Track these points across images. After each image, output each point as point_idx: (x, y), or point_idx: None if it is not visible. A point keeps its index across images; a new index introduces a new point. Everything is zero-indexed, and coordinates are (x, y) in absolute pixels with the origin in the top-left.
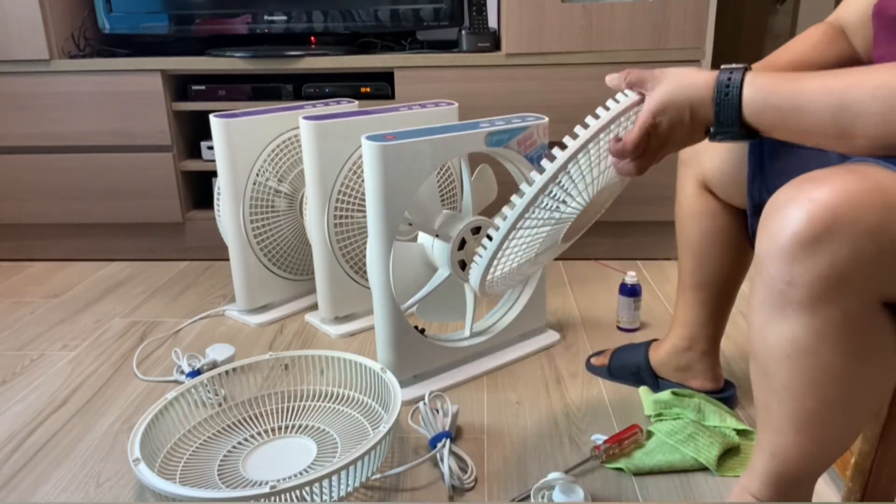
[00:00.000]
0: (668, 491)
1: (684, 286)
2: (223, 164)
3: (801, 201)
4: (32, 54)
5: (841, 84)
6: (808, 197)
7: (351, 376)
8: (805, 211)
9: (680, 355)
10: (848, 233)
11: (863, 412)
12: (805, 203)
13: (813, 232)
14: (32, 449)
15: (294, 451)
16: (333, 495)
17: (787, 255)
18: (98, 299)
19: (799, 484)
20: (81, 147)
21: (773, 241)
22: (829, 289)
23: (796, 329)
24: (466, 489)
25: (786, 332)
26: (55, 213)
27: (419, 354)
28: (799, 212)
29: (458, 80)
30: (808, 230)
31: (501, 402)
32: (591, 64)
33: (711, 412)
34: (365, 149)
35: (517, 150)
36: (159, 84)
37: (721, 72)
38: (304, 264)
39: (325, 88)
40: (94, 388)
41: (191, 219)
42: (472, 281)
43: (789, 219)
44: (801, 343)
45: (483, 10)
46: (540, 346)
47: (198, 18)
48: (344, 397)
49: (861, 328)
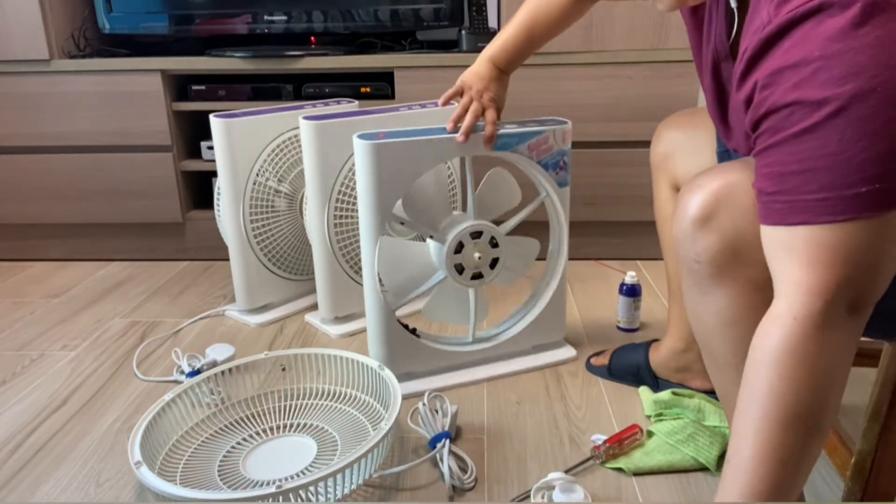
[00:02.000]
0: (668, 491)
1: (674, 288)
2: (223, 164)
3: (694, 189)
4: (32, 54)
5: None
6: (698, 185)
7: (349, 374)
8: (698, 197)
9: (678, 356)
10: (729, 211)
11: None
12: (696, 190)
13: (703, 213)
14: (32, 449)
15: (294, 449)
16: (337, 494)
17: (690, 235)
18: (98, 299)
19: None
20: (81, 147)
21: (679, 226)
22: (727, 259)
23: (716, 301)
24: (466, 489)
25: (710, 307)
26: (55, 213)
27: (412, 355)
28: (694, 198)
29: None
30: (700, 212)
31: (501, 402)
32: (591, 64)
33: (711, 412)
34: (356, 147)
35: (528, 156)
36: (159, 84)
37: None
38: (304, 264)
39: (325, 88)
40: (94, 388)
41: (191, 219)
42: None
43: (688, 205)
44: (724, 313)
45: (483, 10)
46: (550, 361)
47: (198, 18)
48: (343, 395)
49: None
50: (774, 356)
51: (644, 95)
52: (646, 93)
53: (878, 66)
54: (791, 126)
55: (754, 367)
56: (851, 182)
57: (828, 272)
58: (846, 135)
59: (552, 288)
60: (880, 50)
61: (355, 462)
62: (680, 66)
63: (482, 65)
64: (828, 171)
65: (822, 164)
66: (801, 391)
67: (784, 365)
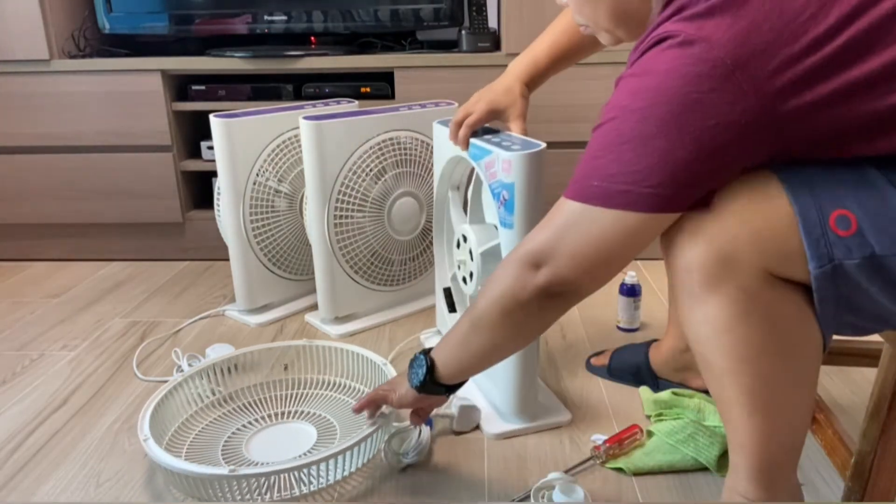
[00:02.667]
0: (668, 491)
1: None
2: (223, 164)
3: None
4: (32, 54)
5: (467, 320)
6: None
7: (352, 367)
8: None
9: (679, 356)
10: (720, 219)
11: (801, 381)
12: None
13: (693, 221)
14: (32, 449)
15: (295, 435)
16: (336, 476)
17: (680, 244)
18: (98, 299)
19: (779, 469)
20: (81, 147)
21: (669, 235)
22: (719, 268)
23: (709, 311)
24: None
25: (703, 316)
26: (55, 213)
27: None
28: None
29: (458, 80)
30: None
31: None
32: (591, 64)
33: (711, 412)
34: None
35: (485, 174)
36: (159, 84)
37: (409, 366)
38: (304, 264)
39: (326, 88)
40: (94, 388)
41: (191, 219)
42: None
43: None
44: (717, 322)
45: (483, 10)
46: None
47: (198, 18)
48: (345, 387)
49: (762, 299)
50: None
51: None
52: None
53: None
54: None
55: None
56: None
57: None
58: (597, 140)
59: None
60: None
61: (355, 445)
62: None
63: (502, 77)
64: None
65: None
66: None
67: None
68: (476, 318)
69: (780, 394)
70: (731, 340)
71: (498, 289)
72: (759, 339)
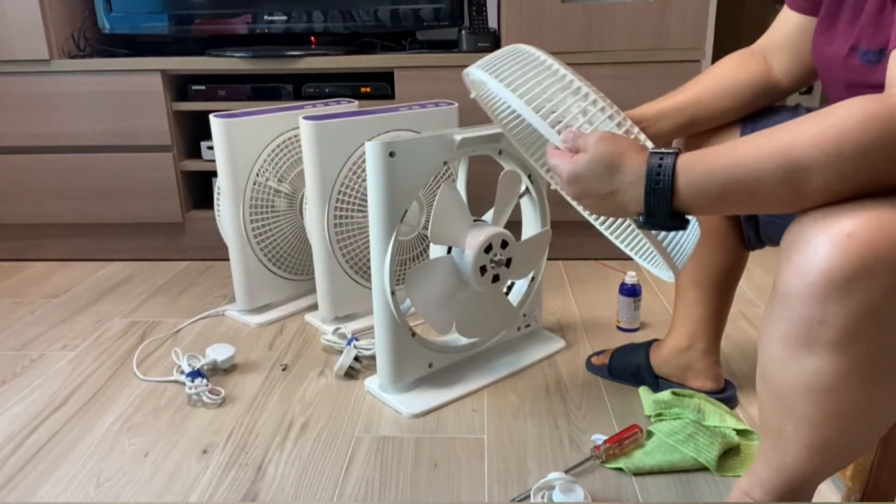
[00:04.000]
0: (668, 491)
1: (682, 285)
2: (223, 164)
3: (832, 235)
4: (32, 54)
5: (779, 143)
6: (840, 230)
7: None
8: (839, 247)
9: (680, 355)
10: (887, 270)
11: (881, 432)
12: (838, 237)
13: (849, 269)
14: (32, 449)
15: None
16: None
17: (820, 293)
18: (98, 299)
19: (802, 492)
20: (81, 147)
21: (801, 278)
22: (862, 327)
23: (823, 367)
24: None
25: (811, 368)
26: (55, 213)
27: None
28: (831, 248)
29: (458, 80)
30: (843, 268)
31: (501, 402)
32: (591, 64)
33: (711, 412)
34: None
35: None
36: (159, 84)
37: (651, 156)
38: (304, 264)
39: (325, 88)
40: (94, 388)
41: (191, 219)
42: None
43: (820, 254)
44: (827, 380)
45: (483, 10)
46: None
47: (198, 18)
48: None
49: (890, 363)
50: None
51: (644, 95)
52: (646, 93)
53: None
54: None
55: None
56: None
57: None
58: None
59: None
60: None
61: None
62: (680, 66)
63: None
64: None
65: None
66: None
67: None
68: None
69: (855, 446)
70: (834, 398)
71: (854, 107)
72: (866, 402)
